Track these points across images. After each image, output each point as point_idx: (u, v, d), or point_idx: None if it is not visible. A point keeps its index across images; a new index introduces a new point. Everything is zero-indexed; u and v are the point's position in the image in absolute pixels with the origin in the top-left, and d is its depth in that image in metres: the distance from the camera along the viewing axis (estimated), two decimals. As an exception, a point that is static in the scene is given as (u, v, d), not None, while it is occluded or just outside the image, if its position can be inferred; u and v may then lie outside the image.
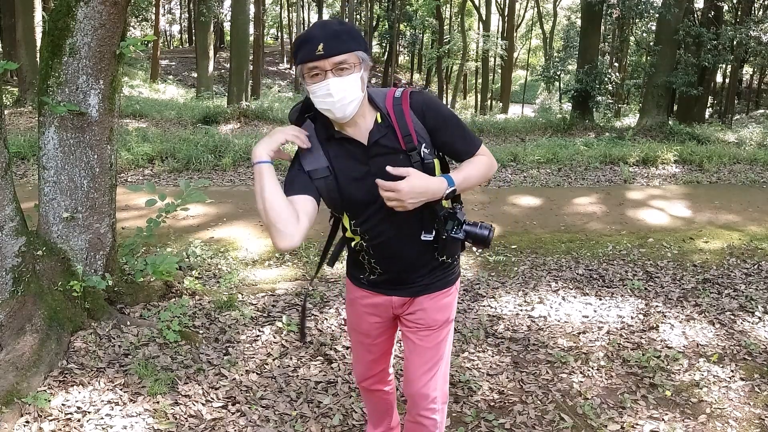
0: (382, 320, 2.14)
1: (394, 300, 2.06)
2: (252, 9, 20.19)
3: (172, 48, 37.41)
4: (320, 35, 1.70)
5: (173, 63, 29.95)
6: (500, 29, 30.41)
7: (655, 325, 3.99)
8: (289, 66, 32.86)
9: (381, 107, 1.84)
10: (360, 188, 1.85)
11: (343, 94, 1.72)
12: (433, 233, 1.93)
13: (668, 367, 3.47)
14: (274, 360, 3.35)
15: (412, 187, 1.74)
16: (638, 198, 7.74)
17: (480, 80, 30.95)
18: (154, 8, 24.30)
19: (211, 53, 20.94)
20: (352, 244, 2.01)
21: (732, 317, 4.16)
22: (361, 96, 1.78)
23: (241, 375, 3.16)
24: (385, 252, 1.96)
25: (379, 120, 1.83)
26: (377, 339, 2.19)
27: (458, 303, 4.25)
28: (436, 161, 1.90)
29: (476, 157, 1.92)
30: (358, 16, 31.59)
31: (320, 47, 1.69)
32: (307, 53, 1.71)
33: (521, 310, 4.20)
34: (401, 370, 2.97)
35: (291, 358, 3.38)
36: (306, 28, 1.74)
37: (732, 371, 3.45)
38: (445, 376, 2.14)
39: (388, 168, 1.77)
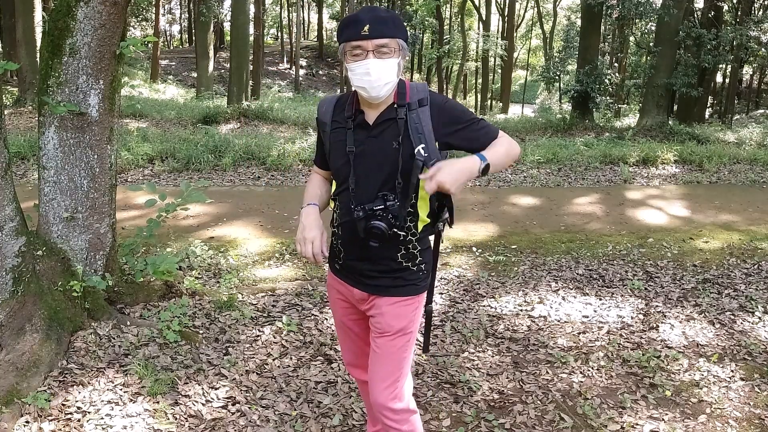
0: (350, 310, 2.17)
1: (355, 292, 2.08)
2: (252, 9, 20.18)
3: (172, 48, 37.39)
4: (367, 18, 1.81)
5: (173, 63, 29.93)
6: (500, 29, 30.40)
7: (655, 325, 3.99)
8: (289, 66, 32.85)
9: (401, 98, 1.93)
10: (342, 156, 1.96)
11: (380, 74, 1.83)
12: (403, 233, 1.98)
13: (668, 367, 3.47)
14: (274, 360, 3.35)
15: (449, 173, 1.77)
16: (638, 198, 7.74)
17: (480, 80, 30.94)
18: (154, 8, 24.30)
19: (211, 53, 20.93)
20: (333, 218, 2.11)
21: (732, 317, 4.16)
22: (396, 80, 1.89)
23: (241, 375, 3.16)
24: (348, 230, 2.00)
25: (393, 106, 1.93)
26: (354, 327, 2.22)
27: (458, 303, 4.27)
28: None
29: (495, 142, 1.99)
30: (358, 16, 31.54)
31: (366, 28, 1.80)
32: (352, 32, 1.83)
33: (521, 310, 4.20)
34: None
35: (291, 358, 3.38)
36: (349, 14, 1.88)
37: (732, 371, 3.45)
38: (409, 387, 2.13)
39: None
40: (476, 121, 1.98)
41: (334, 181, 2.08)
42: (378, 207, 1.88)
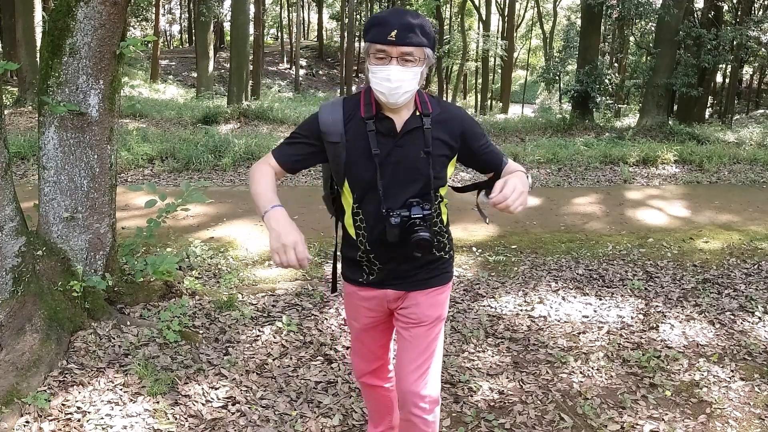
0: (378, 314, 2.16)
1: (389, 293, 2.08)
2: (252, 9, 20.17)
3: (172, 48, 37.39)
4: (395, 22, 1.78)
5: (173, 63, 29.93)
6: (500, 29, 30.39)
7: (655, 325, 3.99)
8: (289, 66, 32.85)
9: (424, 107, 1.94)
10: (366, 165, 1.91)
11: (401, 83, 1.81)
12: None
13: (668, 367, 3.47)
14: (274, 360, 3.35)
15: (513, 189, 1.82)
16: (638, 198, 7.74)
17: (480, 80, 30.93)
18: (154, 8, 24.31)
19: (211, 53, 20.94)
20: (350, 232, 2.04)
21: (732, 317, 4.16)
22: (415, 88, 1.87)
23: (241, 375, 3.16)
24: (380, 238, 1.96)
25: (417, 114, 1.93)
26: (374, 332, 2.21)
27: (458, 303, 4.27)
28: (450, 168, 2.02)
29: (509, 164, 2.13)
30: (358, 16, 31.59)
31: (393, 34, 1.77)
32: (378, 36, 1.80)
33: (521, 310, 4.20)
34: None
35: (291, 358, 3.38)
36: (378, 12, 1.87)
37: (732, 371, 3.45)
38: (437, 377, 2.13)
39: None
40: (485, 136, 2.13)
41: (348, 192, 1.98)
42: (416, 215, 1.89)
